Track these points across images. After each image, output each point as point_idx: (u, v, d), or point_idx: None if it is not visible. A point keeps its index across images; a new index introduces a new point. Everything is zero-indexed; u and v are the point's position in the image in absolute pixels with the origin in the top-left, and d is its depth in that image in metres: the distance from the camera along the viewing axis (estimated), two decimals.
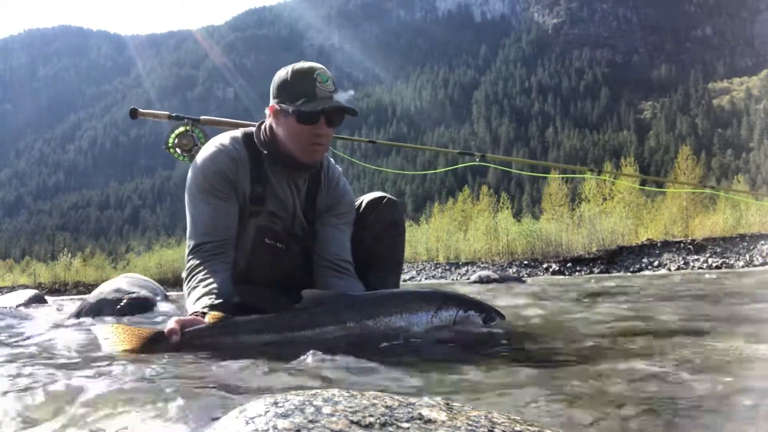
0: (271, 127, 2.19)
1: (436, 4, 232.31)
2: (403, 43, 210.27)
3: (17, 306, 5.43)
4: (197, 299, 1.93)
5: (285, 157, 2.18)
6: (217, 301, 1.89)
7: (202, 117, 3.17)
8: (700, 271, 22.70)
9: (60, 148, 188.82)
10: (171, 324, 1.73)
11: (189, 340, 1.73)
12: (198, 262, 2.04)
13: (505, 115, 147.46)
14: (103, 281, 4.98)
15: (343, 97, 2.12)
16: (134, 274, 4.85)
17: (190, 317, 1.82)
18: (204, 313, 1.82)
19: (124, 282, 4.25)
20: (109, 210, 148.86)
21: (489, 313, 2.00)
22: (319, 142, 2.13)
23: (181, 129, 3.03)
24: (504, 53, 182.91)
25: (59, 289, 49.80)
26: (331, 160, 2.43)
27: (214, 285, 1.96)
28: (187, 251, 2.13)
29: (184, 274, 2.09)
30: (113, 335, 1.72)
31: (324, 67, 2.17)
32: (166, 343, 1.70)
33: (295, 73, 2.12)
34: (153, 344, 1.71)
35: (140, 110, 3.15)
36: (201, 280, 1.98)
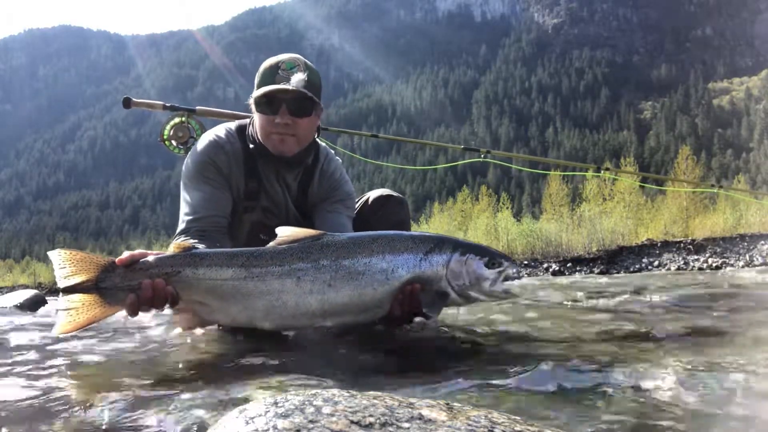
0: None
1: (436, 4, 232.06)
2: (403, 43, 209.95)
3: (16, 305, 5.40)
4: None
5: (265, 150, 2.12)
6: (188, 239, 1.75)
7: (198, 107, 3.10)
8: (699, 271, 22.64)
9: (60, 148, 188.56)
10: (123, 255, 1.63)
11: (146, 268, 1.60)
12: (183, 239, 1.93)
13: (505, 115, 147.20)
14: None
15: (296, 79, 2.00)
16: None
17: (150, 252, 1.69)
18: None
19: None
20: (109, 210, 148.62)
21: (493, 257, 1.70)
22: (286, 132, 2.04)
23: (177, 120, 2.98)
24: (504, 53, 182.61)
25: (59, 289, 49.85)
26: (331, 152, 2.37)
27: (194, 241, 1.85)
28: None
29: None
30: (69, 264, 1.60)
31: (301, 57, 2.09)
32: (121, 272, 1.60)
33: (265, 65, 2.09)
34: (107, 273, 1.60)
35: (134, 99, 3.10)
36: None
